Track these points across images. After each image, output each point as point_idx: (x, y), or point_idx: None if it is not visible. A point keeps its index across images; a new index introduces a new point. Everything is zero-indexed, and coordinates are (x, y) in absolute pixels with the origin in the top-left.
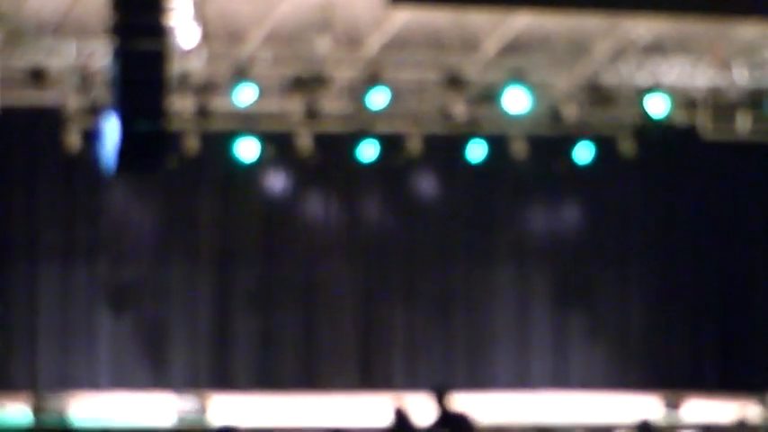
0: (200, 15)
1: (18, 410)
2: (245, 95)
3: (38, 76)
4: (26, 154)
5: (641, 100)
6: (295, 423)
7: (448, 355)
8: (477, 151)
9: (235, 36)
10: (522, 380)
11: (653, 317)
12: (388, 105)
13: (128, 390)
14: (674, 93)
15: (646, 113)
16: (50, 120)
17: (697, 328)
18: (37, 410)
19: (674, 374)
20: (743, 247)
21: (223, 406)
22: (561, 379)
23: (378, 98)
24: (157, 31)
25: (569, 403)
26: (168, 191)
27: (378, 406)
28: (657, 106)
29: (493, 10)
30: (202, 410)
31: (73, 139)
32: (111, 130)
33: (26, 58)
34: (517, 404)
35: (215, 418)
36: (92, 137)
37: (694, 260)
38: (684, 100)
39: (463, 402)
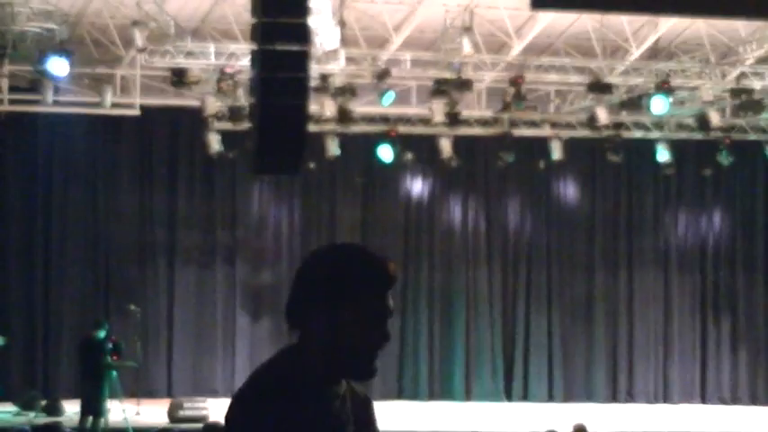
0: (341, 18)
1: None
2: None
3: (178, 77)
4: (166, 155)
5: None
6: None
7: (587, 363)
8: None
9: (376, 40)
10: (664, 391)
11: None
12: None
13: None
14: None
15: None
16: (191, 121)
17: None
18: (173, 416)
19: None
20: None
21: None
22: (704, 390)
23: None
24: (298, 34)
25: (712, 416)
26: (307, 194)
27: (517, 415)
28: None
29: (636, 12)
30: None
31: (212, 141)
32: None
33: (167, 60)
34: (658, 416)
35: None
36: (232, 138)
37: None
38: None
39: (604, 412)
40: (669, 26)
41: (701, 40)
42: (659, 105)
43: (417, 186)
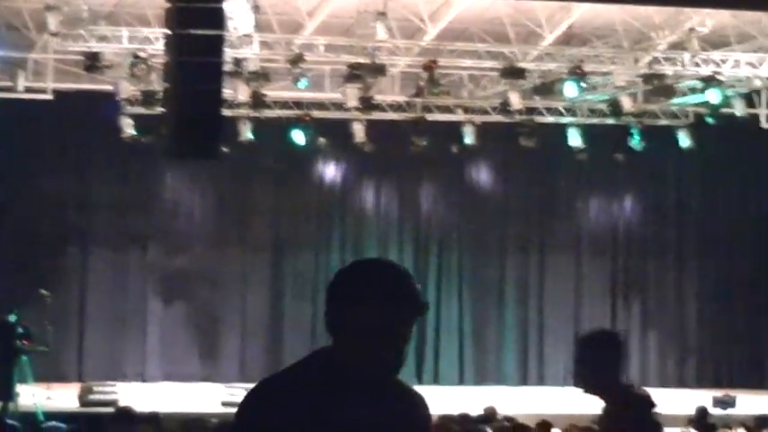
0: (256, 3)
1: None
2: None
3: (92, 61)
4: (80, 139)
5: (701, 90)
6: None
7: (499, 347)
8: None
9: (290, 25)
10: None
11: (709, 312)
12: (445, 94)
13: (176, 380)
14: (734, 83)
15: (705, 104)
16: (105, 105)
17: (753, 325)
18: (83, 400)
19: (729, 372)
20: None
21: None
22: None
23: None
24: (213, 18)
25: None
26: (222, 178)
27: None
28: (716, 96)
29: None
30: None
31: (127, 125)
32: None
33: (80, 44)
34: (569, 398)
35: None
36: (145, 122)
37: (753, 253)
38: (744, 89)
39: (515, 395)
40: (583, 12)
41: (614, 25)
42: (572, 90)
43: (331, 171)
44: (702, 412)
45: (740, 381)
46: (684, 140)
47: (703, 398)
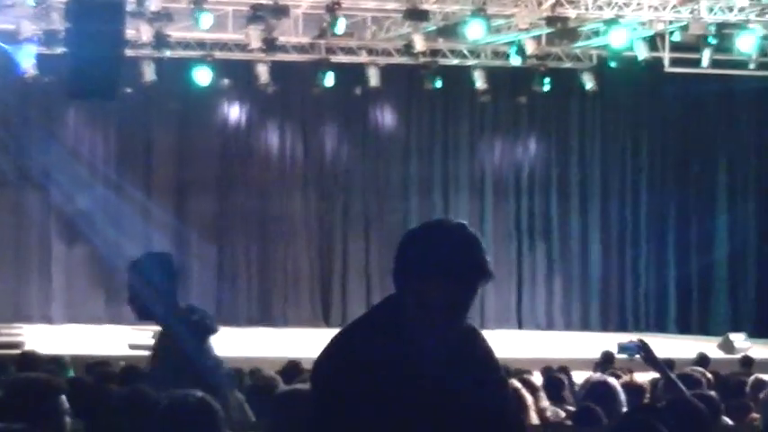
0: None
1: None
2: (202, 23)
3: None
4: None
5: (605, 33)
6: (250, 354)
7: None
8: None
9: None
10: (481, 317)
11: (612, 255)
12: (348, 36)
13: (82, 321)
14: (637, 26)
15: (609, 47)
16: (6, 43)
17: (657, 268)
18: None
19: (633, 315)
20: (703, 184)
21: None
22: (518, 314)
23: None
24: None
25: (528, 341)
26: (123, 119)
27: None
28: (620, 39)
29: None
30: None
31: (28, 64)
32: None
33: None
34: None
35: None
36: (47, 62)
37: (654, 196)
38: (647, 33)
39: None
40: None
41: None
42: (475, 31)
43: (234, 112)
44: (607, 356)
45: (644, 324)
46: (588, 83)
47: (608, 341)
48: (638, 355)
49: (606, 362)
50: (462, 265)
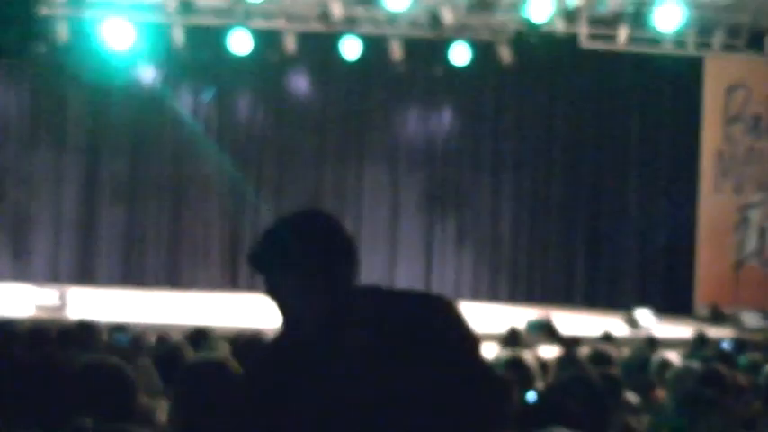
0: None
1: None
2: None
3: None
4: None
5: (522, 5)
6: (157, 319)
7: None
8: (352, 49)
9: None
10: (388, 284)
11: (523, 227)
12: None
13: None
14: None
15: (526, 20)
16: None
17: (566, 241)
18: None
19: (541, 288)
20: (616, 159)
21: (83, 300)
22: (429, 287)
23: None
24: None
25: None
26: (36, 77)
27: (243, 304)
28: (538, 12)
29: None
30: (62, 303)
31: None
32: None
33: None
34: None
35: (75, 311)
36: None
37: (567, 170)
38: (565, 7)
39: None
40: None
41: None
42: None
43: (149, 75)
44: (513, 334)
45: (552, 297)
46: (504, 56)
47: (516, 314)
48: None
49: (513, 338)
50: (342, 252)
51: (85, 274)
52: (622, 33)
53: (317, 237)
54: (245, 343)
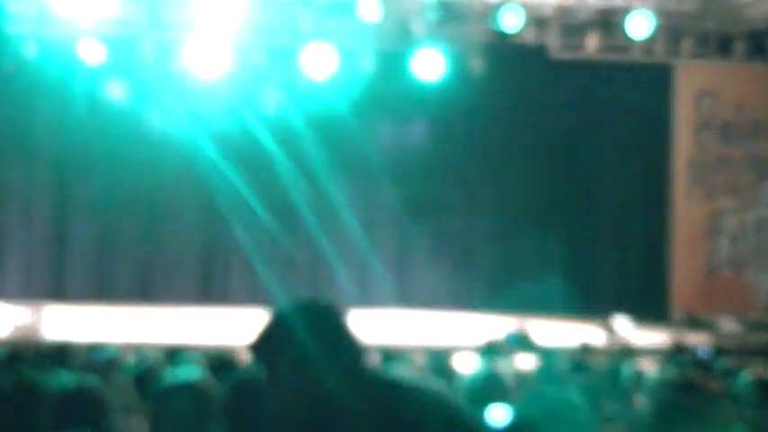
0: None
1: None
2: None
3: None
4: None
5: (492, 15)
6: (133, 337)
7: (289, 271)
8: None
9: None
10: (364, 297)
11: (498, 237)
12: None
13: None
14: (524, 9)
15: (496, 29)
16: None
17: (541, 249)
18: None
19: (517, 296)
20: (589, 168)
21: (58, 317)
22: (405, 297)
23: None
24: None
25: (412, 321)
26: (6, 93)
27: (215, 319)
28: (509, 22)
29: None
30: (37, 322)
31: None
32: None
33: None
34: (360, 321)
35: (50, 329)
36: None
37: (540, 179)
38: (534, 17)
39: None
40: None
41: None
42: (369, 13)
43: (118, 90)
44: (491, 344)
45: (528, 305)
46: (476, 66)
47: (493, 324)
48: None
49: (490, 349)
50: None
51: (59, 291)
52: (592, 42)
53: (316, 329)
54: (220, 364)
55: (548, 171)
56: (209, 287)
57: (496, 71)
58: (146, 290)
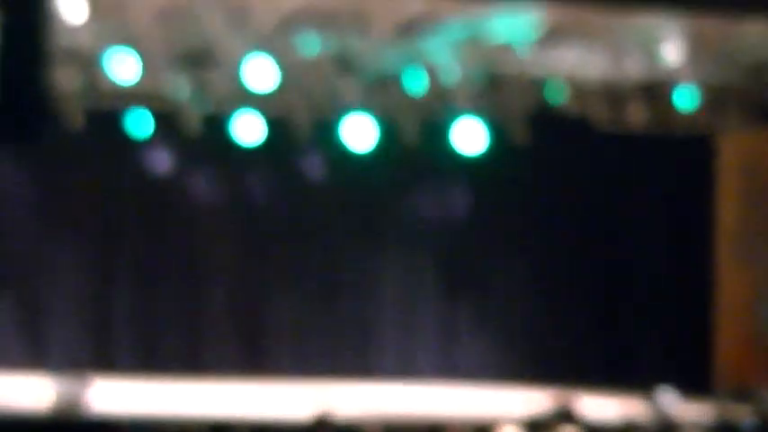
0: None
1: None
2: (129, 70)
3: None
4: None
5: (537, 87)
6: (178, 410)
7: (333, 342)
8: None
9: (122, 11)
10: (408, 369)
11: (539, 309)
12: (279, 86)
13: (3, 370)
14: (568, 82)
15: (540, 101)
16: None
17: (583, 322)
18: None
19: (559, 369)
20: (631, 239)
21: (102, 389)
22: (448, 369)
23: None
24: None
25: (456, 394)
26: (52, 165)
27: (260, 391)
28: (553, 94)
29: None
30: (81, 393)
31: None
32: None
33: None
34: (403, 394)
35: (94, 401)
36: None
37: (582, 252)
38: (578, 89)
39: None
40: (420, 6)
41: (451, 18)
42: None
43: (163, 160)
44: (536, 421)
45: (571, 377)
46: (519, 137)
47: (537, 398)
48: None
49: (536, 426)
50: None
51: (103, 361)
52: (635, 114)
53: None
54: None
55: (589, 243)
56: (254, 355)
57: (539, 143)
58: (190, 359)
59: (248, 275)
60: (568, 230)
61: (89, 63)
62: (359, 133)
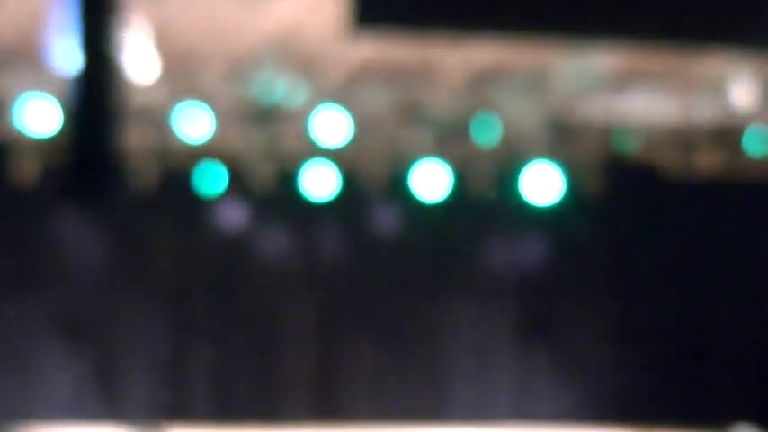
0: (159, 48)
1: None
2: (199, 127)
3: None
4: None
5: (608, 136)
6: None
7: (407, 390)
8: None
9: (193, 70)
10: (484, 415)
11: (615, 353)
12: (349, 139)
13: (82, 423)
14: (639, 129)
15: (612, 150)
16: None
17: (660, 363)
18: None
19: (638, 409)
20: (705, 286)
21: None
22: (523, 412)
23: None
24: (107, 59)
25: None
26: (125, 223)
27: None
28: (624, 143)
29: (455, 35)
30: None
31: (25, 170)
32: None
33: None
34: None
35: None
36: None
37: (656, 299)
38: (649, 137)
39: None
40: (490, 57)
41: (521, 68)
42: (485, 134)
43: (235, 216)
44: None
45: (648, 417)
46: (591, 185)
47: None
48: None
49: None
50: None
51: (177, 414)
52: (709, 160)
53: None
54: None
55: (664, 290)
56: (327, 405)
57: (611, 191)
58: (266, 409)
59: (321, 328)
60: (642, 277)
61: (159, 121)
62: (430, 183)
